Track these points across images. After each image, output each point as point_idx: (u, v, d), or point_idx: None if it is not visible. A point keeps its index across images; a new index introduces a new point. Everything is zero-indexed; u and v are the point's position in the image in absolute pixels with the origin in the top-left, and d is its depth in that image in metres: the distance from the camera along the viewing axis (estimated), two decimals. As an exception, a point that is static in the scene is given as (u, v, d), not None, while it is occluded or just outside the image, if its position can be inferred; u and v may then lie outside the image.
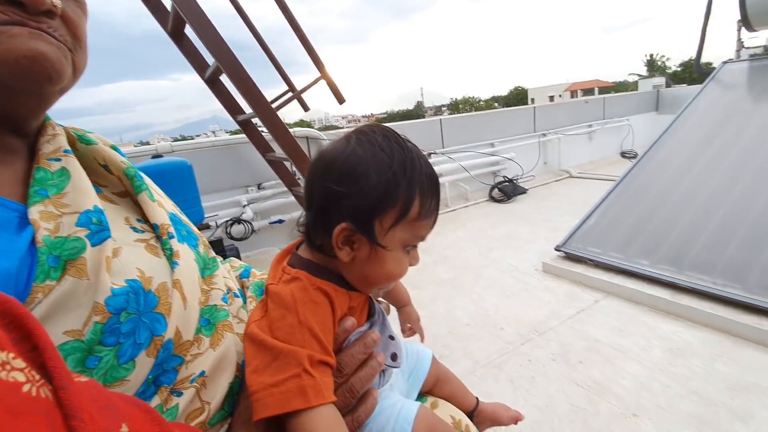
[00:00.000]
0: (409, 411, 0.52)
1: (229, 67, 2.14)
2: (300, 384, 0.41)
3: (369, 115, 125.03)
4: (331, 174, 0.48)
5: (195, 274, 0.50)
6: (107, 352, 0.37)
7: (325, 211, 0.49)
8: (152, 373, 0.41)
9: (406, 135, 0.52)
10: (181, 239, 0.52)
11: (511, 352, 1.63)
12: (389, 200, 0.47)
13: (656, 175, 2.55)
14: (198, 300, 0.49)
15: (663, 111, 6.37)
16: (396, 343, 0.57)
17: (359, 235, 0.48)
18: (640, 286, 1.92)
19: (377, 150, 0.48)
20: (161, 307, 0.42)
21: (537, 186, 4.58)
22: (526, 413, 1.30)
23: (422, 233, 0.52)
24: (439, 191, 0.52)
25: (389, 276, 0.51)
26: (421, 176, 0.49)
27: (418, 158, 0.49)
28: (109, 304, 0.38)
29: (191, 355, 0.45)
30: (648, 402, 1.31)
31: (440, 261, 2.70)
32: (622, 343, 1.62)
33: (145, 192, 0.52)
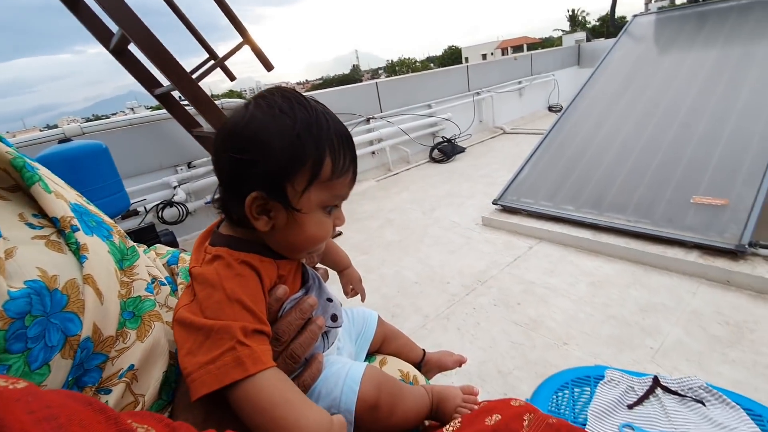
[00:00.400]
0: (356, 371, 0.53)
1: (135, 35, 1.93)
2: (236, 355, 0.41)
3: (304, 82, 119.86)
4: (233, 144, 0.46)
5: (110, 266, 0.47)
6: (15, 359, 0.35)
7: (234, 182, 0.48)
8: (72, 374, 0.39)
9: (344, 101, 0.51)
10: (89, 231, 0.48)
11: (457, 303, 1.74)
12: (297, 162, 0.46)
13: (578, 127, 2.73)
14: (117, 293, 0.46)
15: (584, 65, 6.75)
16: (334, 304, 0.57)
17: (273, 202, 0.47)
18: (566, 230, 2.10)
19: (278, 113, 0.46)
20: (72, 306, 0.40)
21: (474, 144, 4.73)
22: (472, 355, 1.42)
23: (340, 192, 0.51)
24: (352, 148, 0.51)
25: (312, 239, 0.51)
26: (329, 134, 0.48)
27: (325, 116, 0.48)
28: (8, 309, 0.35)
29: (116, 350, 0.43)
30: (575, 331, 1.48)
31: (386, 224, 2.75)
32: (552, 283, 1.78)
33: (38, 183, 0.47)
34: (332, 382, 0.51)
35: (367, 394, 0.51)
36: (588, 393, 0.95)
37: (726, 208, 1.80)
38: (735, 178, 1.89)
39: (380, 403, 0.52)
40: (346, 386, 0.51)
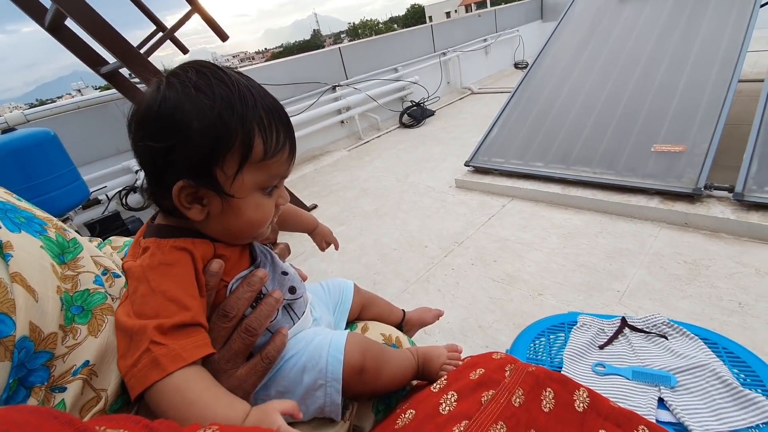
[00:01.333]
0: (338, 340, 0.53)
1: (71, 9, 1.76)
2: (151, 357, 0.39)
3: (263, 51, 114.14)
4: (147, 130, 0.43)
5: (44, 262, 0.45)
6: None
7: (157, 172, 0.44)
8: (12, 376, 0.38)
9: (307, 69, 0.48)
10: (16, 228, 0.46)
11: (437, 265, 1.78)
12: (222, 144, 0.42)
13: (543, 83, 2.75)
14: (55, 288, 0.44)
15: (547, 19, 6.71)
16: (291, 276, 0.56)
17: (204, 189, 0.44)
18: (537, 186, 2.15)
19: (192, 91, 0.42)
20: (1, 307, 0.38)
21: (443, 106, 4.70)
22: (454, 314, 1.47)
23: (278, 171, 0.48)
24: (285, 122, 0.47)
25: (252, 224, 0.48)
26: (256, 110, 0.44)
27: (249, 90, 0.44)
28: None
29: (66, 347, 0.42)
30: (549, 281, 1.55)
31: (361, 194, 2.74)
32: (526, 238, 1.84)
33: None
34: (317, 354, 0.51)
35: (352, 359, 0.51)
36: (563, 338, 1.01)
37: (683, 155, 1.89)
38: (691, 125, 1.97)
39: (366, 366, 0.53)
40: (331, 356, 0.51)
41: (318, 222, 0.84)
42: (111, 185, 2.59)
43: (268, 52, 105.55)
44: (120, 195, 2.58)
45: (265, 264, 0.54)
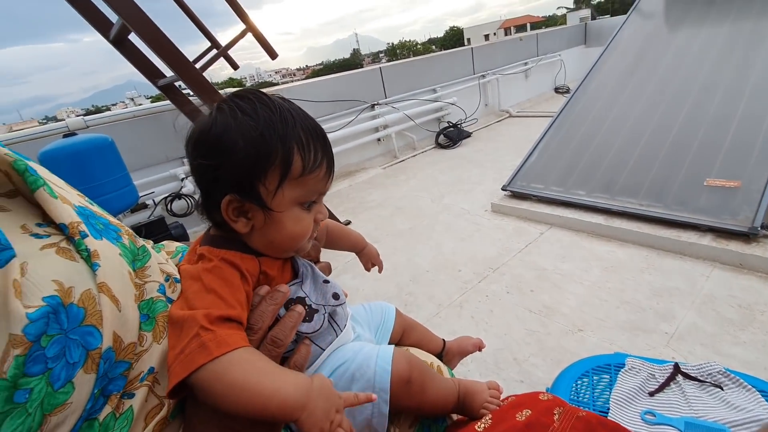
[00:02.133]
0: (386, 352, 0.55)
1: (137, 25, 1.89)
2: (200, 341, 0.40)
3: (304, 68, 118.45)
4: (200, 150, 0.47)
5: (124, 270, 0.46)
6: (36, 381, 0.34)
7: (208, 187, 0.49)
8: (97, 386, 0.38)
9: (348, 87, 0.50)
10: (98, 235, 0.46)
11: (470, 291, 1.74)
12: (264, 161, 0.46)
13: (587, 108, 2.69)
14: (133, 297, 0.45)
15: (591, 44, 6.61)
16: (332, 284, 0.58)
17: (248, 203, 0.47)
18: (578, 215, 2.08)
19: (239, 114, 0.46)
20: (90, 319, 0.39)
21: (480, 128, 4.68)
22: (487, 343, 1.42)
23: (316, 187, 0.51)
24: (324, 142, 0.51)
25: (292, 237, 0.51)
26: (295, 130, 0.47)
27: (290, 113, 0.48)
28: (28, 333, 0.34)
29: (135, 354, 0.43)
30: (590, 317, 1.48)
31: (396, 213, 2.74)
32: (565, 268, 1.77)
33: (44, 188, 0.44)
34: (365, 364, 0.53)
35: (400, 369, 0.53)
36: (607, 380, 0.95)
37: (738, 190, 1.78)
38: (747, 160, 1.86)
39: (413, 378, 0.54)
40: (379, 366, 0.53)
41: (366, 242, 0.85)
42: (158, 191, 2.71)
43: (309, 69, 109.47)
44: (165, 201, 2.71)
45: (307, 275, 0.56)
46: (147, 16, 1.90)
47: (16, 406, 0.33)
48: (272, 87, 3.70)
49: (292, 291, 0.52)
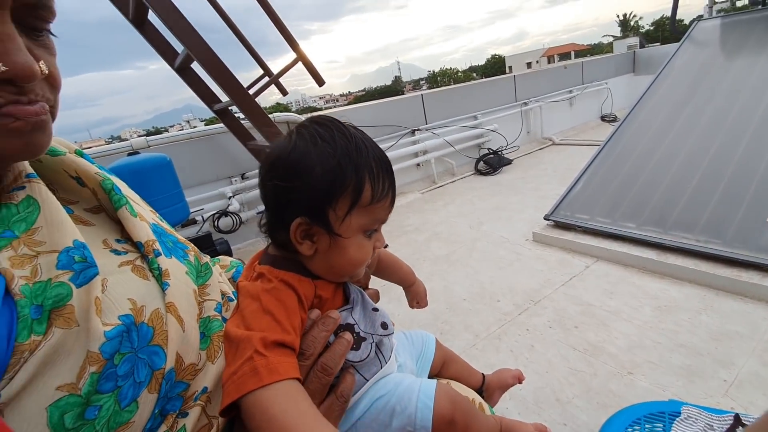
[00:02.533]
0: (428, 387, 0.53)
1: (201, 55, 2.05)
2: (252, 365, 0.41)
3: (347, 94, 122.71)
4: (277, 172, 0.48)
5: (189, 289, 0.47)
6: (106, 398, 0.35)
7: (279, 208, 0.50)
8: (157, 407, 0.39)
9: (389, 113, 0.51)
10: (168, 253, 0.49)
11: (509, 323, 1.68)
12: (338, 189, 0.47)
13: (637, 137, 2.59)
14: (196, 316, 0.46)
15: (639, 72, 6.42)
16: (382, 313, 0.57)
17: (316, 227, 0.48)
18: (627, 249, 1.97)
19: (319, 141, 0.47)
20: (157, 338, 0.40)
21: (522, 156, 4.61)
22: (527, 380, 1.35)
23: (380, 216, 0.52)
24: (390, 172, 0.52)
25: (353, 263, 0.52)
26: (368, 160, 0.48)
27: (363, 143, 0.49)
28: (104, 351, 0.35)
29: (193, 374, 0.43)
30: (641, 359, 1.38)
31: (433, 238, 2.72)
32: (613, 305, 1.67)
33: (125, 207, 0.48)
34: (406, 398, 0.51)
35: (443, 409, 0.51)
36: (660, 429, 0.88)
37: (809, 229, 1.63)
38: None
39: (456, 419, 0.52)
40: (421, 402, 0.51)
41: (416, 278, 0.83)
42: (207, 208, 2.86)
43: (351, 95, 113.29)
44: (213, 217, 2.84)
45: (357, 302, 0.56)
46: (209, 47, 2.06)
47: (85, 422, 0.34)
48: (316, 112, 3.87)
49: (342, 317, 0.52)
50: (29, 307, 0.33)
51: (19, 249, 0.36)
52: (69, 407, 0.33)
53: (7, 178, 0.40)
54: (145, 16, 2.47)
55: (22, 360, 0.32)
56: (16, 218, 0.37)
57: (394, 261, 0.80)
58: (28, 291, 0.34)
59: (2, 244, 0.35)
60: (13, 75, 0.33)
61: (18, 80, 0.33)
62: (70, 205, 0.47)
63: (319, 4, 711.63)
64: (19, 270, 0.34)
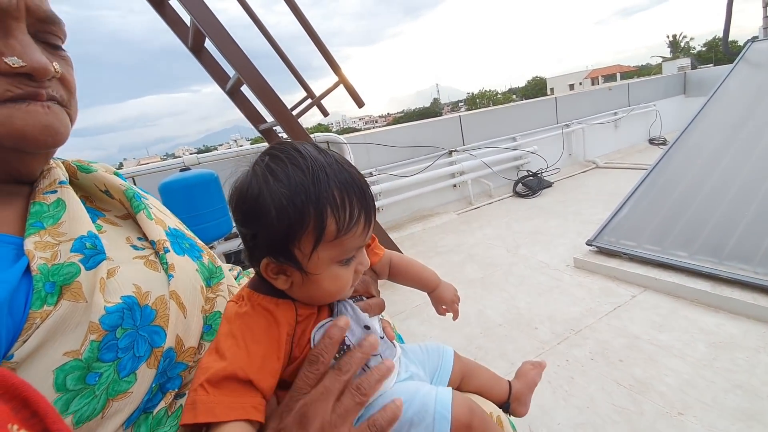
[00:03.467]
0: (444, 396, 0.51)
1: (250, 79, 2.19)
2: (193, 399, 0.42)
3: (386, 115, 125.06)
4: (236, 215, 0.49)
5: (196, 284, 0.52)
6: (107, 367, 0.39)
7: (248, 248, 0.50)
8: (155, 381, 0.43)
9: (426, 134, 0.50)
10: (181, 252, 0.55)
11: (548, 352, 1.61)
12: (297, 228, 0.45)
13: (689, 161, 2.45)
14: (201, 308, 0.51)
15: (691, 94, 6.13)
16: (372, 332, 0.55)
17: (285, 265, 0.47)
18: (678, 279, 1.85)
19: (270, 180, 0.45)
20: (159, 320, 0.44)
21: (563, 179, 4.48)
22: (566, 414, 1.29)
23: (354, 245, 0.49)
24: (361, 195, 0.48)
25: (331, 293, 0.51)
26: (328, 192, 0.45)
27: (323, 171, 0.46)
28: (103, 322, 0.40)
29: (194, 361, 0.48)
30: (693, 399, 1.27)
31: (467, 260, 2.68)
32: (663, 339, 1.56)
33: (143, 212, 0.55)
34: (423, 409, 0.50)
35: (461, 417, 0.50)
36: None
37: None
38: None
39: (474, 425, 0.51)
40: (438, 414, 0.49)
41: (440, 282, 0.79)
42: (248, 222, 2.98)
43: (390, 116, 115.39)
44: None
45: (344, 314, 0.54)
46: (258, 71, 2.19)
47: (86, 387, 0.38)
48: (355, 132, 3.98)
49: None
50: (44, 282, 0.38)
51: (44, 237, 0.42)
52: (71, 370, 0.37)
53: (43, 183, 0.48)
54: (202, 44, 2.68)
55: (34, 326, 0.36)
56: (47, 215, 0.45)
57: (409, 264, 0.76)
58: (45, 269, 0.39)
59: (32, 231, 0.42)
60: (30, 69, 0.40)
61: (34, 74, 0.41)
62: (104, 212, 0.55)
63: (361, 30, 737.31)
64: (40, 252, 0.40)
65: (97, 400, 0.38)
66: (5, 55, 0.39)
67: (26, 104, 0.41)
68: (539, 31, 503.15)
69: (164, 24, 2.64)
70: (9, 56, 0.39)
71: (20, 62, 0.39)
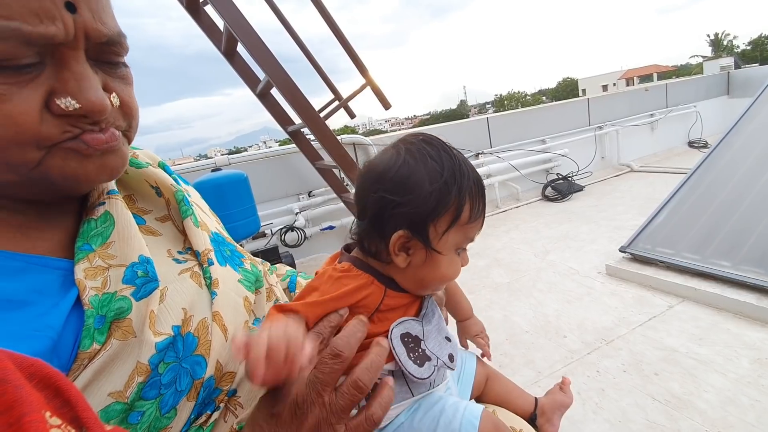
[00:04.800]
0: (474, 407, 0.51)
1: (280, 82, 2.23)
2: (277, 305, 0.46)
3: (412, 117, 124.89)
4: (384, 184, 0.49)
5: (239, 298, 0.49)
6: (149, 405, 0.37)
7: (380, 219, 0.50)
8: (194, 413, 0.41)
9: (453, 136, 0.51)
10: (223, 261, 0.52)
11: (577, 362, 1.55)
12: (442, 207, 0.48)
13: (734, 165, 2.32)
14: (243, 324, 0.48)
15: (735, 94, 5.81)
16: (453, 344, 0.56)
17: (415, 240, 0.49)
18: (721, 290, 1.75)
19: (428, 159, 0.49)
20: (201, 348, 0.41)
21: (595, 182, 4.33)
22: (596, 428, 1.25)
23: (472, 235, 0.53)
24: (484, 194, 0.53)
25: (443, 277, 0.52)
26: (470, 182, 0.50)
27: (465, 164, 0.51)
28: (152, 363, 0.37)
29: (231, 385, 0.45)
30: (735, 418, 1.19)
31: (494, 264, 2.63)
32: (703, 353, 1.48)
33: (190, 218, 0.51)
34: (450, 414, 0.50)
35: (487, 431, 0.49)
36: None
37: None
38: None
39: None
40: (465, 420, 0.49)
41: (473, 314, 0.79)
42: (276, 222, 3.03)
43: (417, 118, 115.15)
44: (281, 232, 3.00)
45: (430, 320, 0.54)
46: (287, 74, 2.23)
47: (128, 426, 0.36)
48: (382, 134, 3.96)
49: (411, 326, 0.51)
50: (94, 317, 0.36)
51: (94, 261, 0.39)
52: (115, 413, 0.35)
53: (93, 196, 0.44)
54: (235, 48, 2.75)
55: (81, 367, 0.34)
56: (94, 233, 0.41)
57: (456, 290, 0.78)
58: (96, 302, 0.36)
59: (81, 257, 0.39)
60: (85, 111, 0.36)
61: (90, 115, 0.36)
62: (144, 215, 0.51)
63: (388, 32, 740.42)
64: (91, 281, 0.37)
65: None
66: (58, 95, 0.34)
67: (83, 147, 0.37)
68: (570, 30, 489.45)
69: (199, 30, 2.73)
70: (62, 96, 0.34)
71: (74, 104, 0.35)
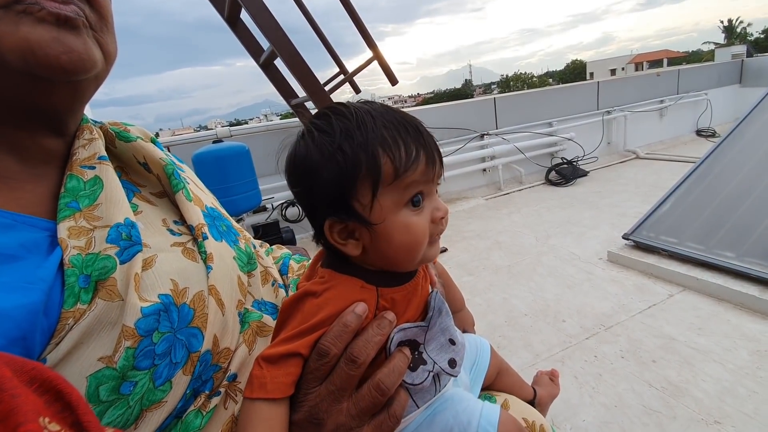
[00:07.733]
0: (491, 412, 0.49)
1: (284, 51, 2.15)
2: (252, 374, 0.40)
3: (415, 95, 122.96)
4: (291, 179, 0.46)
5: (233, 274, 0.48)
6: (142, 376, 0.36)
7: (311, 216, 0.46)
8: (189, 387, 0.39)
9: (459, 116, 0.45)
10: (219, 237, 0.50)
11: (575, 346, 1.56)
12: (350, 176, 0.41)
13: (743, 157, 2.28)
14: (236, 303, 0.46)
15: (748, 83, 5.70)
16: (457, 348, 0.49)
17: (350, 222, 0.43)
18: (723, 281, 1.74)
19: (316, 134, 0.43)
20: (197, 320, 0.40)
21: (599, 168, 4.29)
22: (592, 412, 1.25)
23: (416, 180, 0.43)
24: (414, 132, 0.44)
25: (405, 247, 0.44)
26: (376, 132, 0.42)
27: (368, 115, 0.42)
28: (139, 327, 0.36)
29: (228, 363, 0.44)
30: (731, 408, 1.20)
31: (494, 247, 2.62)
32: (702, 343, 1.48)
33: (182, 191, 0.50)
34: (465, 421, 0.47)
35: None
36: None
37: None
38: None
39: None
40: (481, 428, 0.47)
41: (464, 306, 0.76)
42: (277, 197, 3.00)
43: (420, 96, 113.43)
44: (282, 207, 2.98)
45: (435, 322, 0.49)
46: (293, 45, 2.15)
47: (120, 397, 0.35)
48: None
49: (413, 333, 0.46)
50: (77, 276, 0.34)
51: (79, 221, 0.38)
52: (105, 380, 0.34)
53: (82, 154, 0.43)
54: (238, 15, 2.65)
55: (67, 327, 0.33)
56: (83, 193, 0.40)
57: (447, 281, 0.74)
58: (79, 261, 0.35)
59: (67, 214, 0.38)
60: None
61: None
62: (139, 187, 0.50)
63: (395, 6, 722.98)
64: (74, 240, 0.36)
65: (130, 411, 0.35)
66: None
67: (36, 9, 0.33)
68: (582, 10, 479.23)
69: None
70: None
71: None
